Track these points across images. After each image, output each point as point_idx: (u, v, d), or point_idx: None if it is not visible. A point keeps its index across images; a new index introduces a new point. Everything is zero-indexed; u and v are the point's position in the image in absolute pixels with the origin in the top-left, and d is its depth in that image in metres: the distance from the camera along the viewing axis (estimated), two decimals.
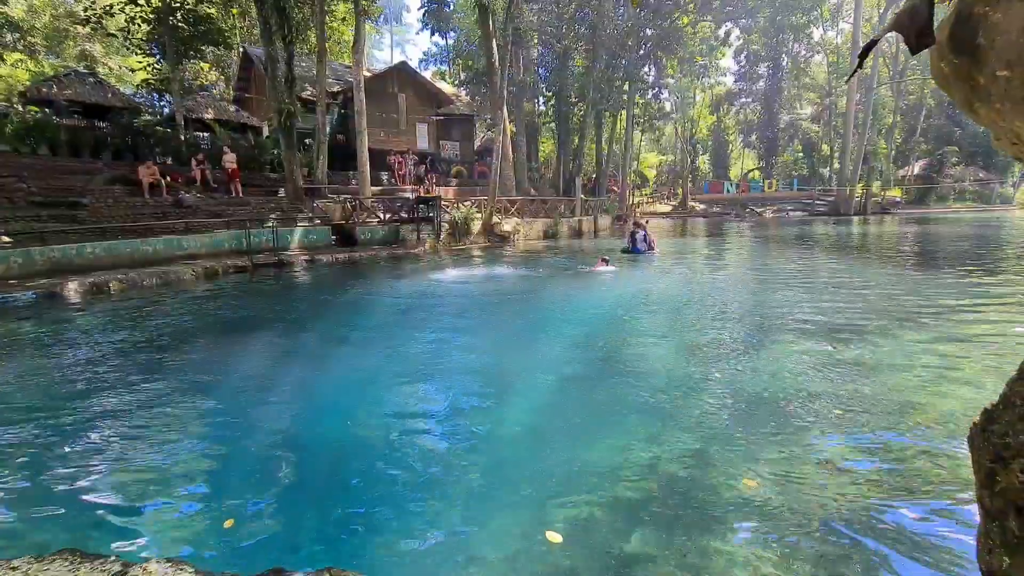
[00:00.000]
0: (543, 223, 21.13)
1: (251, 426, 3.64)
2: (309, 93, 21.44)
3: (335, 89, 22.39)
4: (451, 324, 6.74)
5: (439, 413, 3.79)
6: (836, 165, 41.82)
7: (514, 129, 23.68)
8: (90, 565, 1.50)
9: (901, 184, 43.09)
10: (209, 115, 20.59)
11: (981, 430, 0.96)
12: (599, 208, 25.31)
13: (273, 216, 15.70)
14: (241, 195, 16.80)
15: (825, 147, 47.12)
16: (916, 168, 43.99)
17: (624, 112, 31.98)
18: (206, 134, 20.37)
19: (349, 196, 18.24)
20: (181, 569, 1.43)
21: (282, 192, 18.14)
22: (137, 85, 24.82)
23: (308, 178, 18.97)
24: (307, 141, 20.79)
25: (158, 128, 18.48)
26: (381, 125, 23.25)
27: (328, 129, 19.64)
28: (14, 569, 1.49)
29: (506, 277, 11.30)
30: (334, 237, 16.06)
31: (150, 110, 22.34)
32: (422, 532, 2.41)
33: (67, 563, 1.47)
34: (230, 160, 17.00)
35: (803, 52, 47.71)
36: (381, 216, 17.39)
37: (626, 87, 30.40)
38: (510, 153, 23.19)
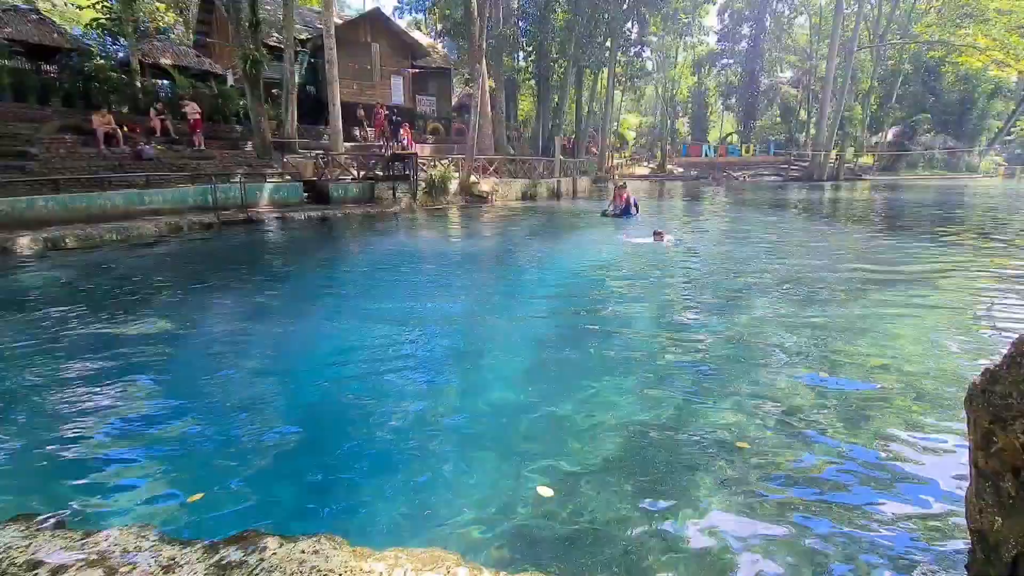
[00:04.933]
0: (522, 184, 20.79)
1: (219, 389, 3.53)
2: (276, 39, 20.15)
3: (303, 36, 21.10)
4: (431, 284, 6.64)
5: (417, 373, 3.74)
6: (812, 131, 42.01)
7: (493, 85, 22.88)
8: (50, 533, 1.41)
9: (874, 150, 43.71)
10: (167, 61, 19.19)
11: (982, 391, 0.95)
12: (578, 169, 24.98)
13: (240, 171, 14.99)
14: (204, 148, 15.94)
15: (803, 112, 47.21)
16: (889, 135, 44.58)
17: (605, 70, 31.15)
18: (165, 81, 19.06)
19: (321, 152, 17.52)
20: (144, 536, 1.35)
21: (249, 146, 17.29)
22: (86, 25, 22.86)
23: (277, 131, 18.08)
24: (274, 92, 19.69)
25: (112, 73, 17.14)
26: (354, 77, 22.14)
27: (297, 79, 18.61)
28: None
29: (486, 237, 11.15)
30: (306, 194, 15.50)
31: (103, 54, 20.69)
32: (405, 491, 2.39)
33: (22, 530, 1.38)
34: (192, 110, 16.02)
35: (786, 12, 47.02)
36: (355, 173, 16.81)
37: (608, 43, 29.51)
38: (489, 110, 22.50)
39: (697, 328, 4.59)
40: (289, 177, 16.02)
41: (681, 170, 43.04)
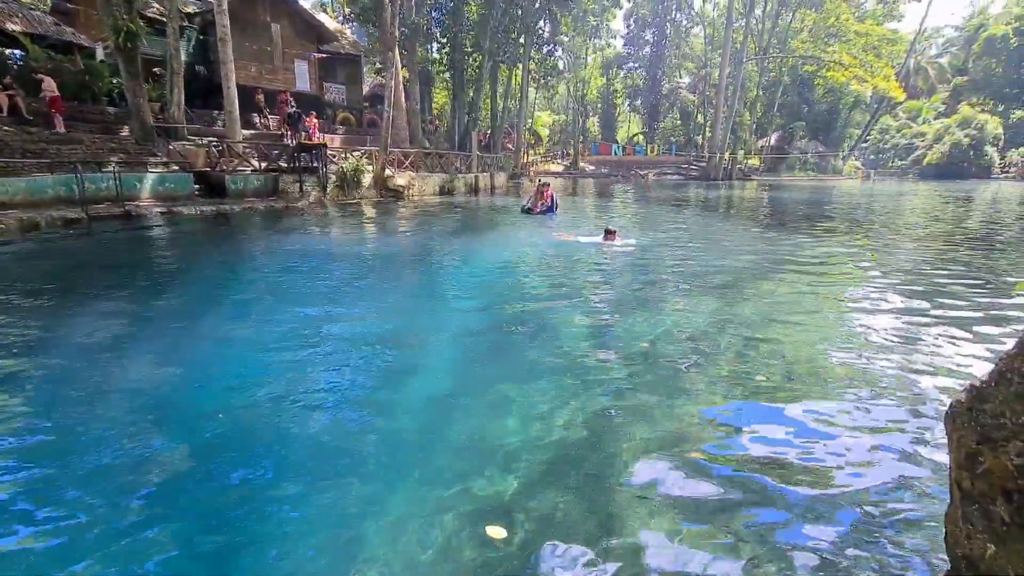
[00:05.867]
0: (439, 178, 20.33)
1: (91, 416, 2.93)
2: (156, 11, 17.93)
3: (190, 9, 18.97)
4: (347, 289, 6.10)
5: (331, 388, 3.32)
6: (708, 133, 45.39)
7: (407, 75, 22.09)
8: None
9: (760, 153, 48.18)
10: (16, 27, 16.33)
11: (967, 409, 0.92)
12: (496, 165, 24.94)
13: (115, 159, 13.17)
14: (67, 131, 13.80)
15: (699, 116, 50.85)
16: (772, 139, 49.37)
17: (520, 67, 31.33)
18: (16, 51, 16.25)
19: (215, 139, 15.86)
20: None
21: (126, 130, 15.25)
22: None
23: (160, 115, 16.11)
24: (156, 70, 17.53)
25: None
26: (252, 59, 20.30)
27: (184, 57, 16.68)
28: None
29: (406, 235, 10.68)
30: (197, 186, 13.95)
31: None
32: (318, 526, 2.09)
33: None
34: (49, 87, 13.80)
35: (684, 22, 50.29)
36: (256, 164, 15.42)
37: (522, 40, 29.67)
38: (403, 102, 21.71)
39: (621, 325, 4.63)
40: (177, 167, 14.34)
41: (592, 168, 44.63)
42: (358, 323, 4.72)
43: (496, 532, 2.01)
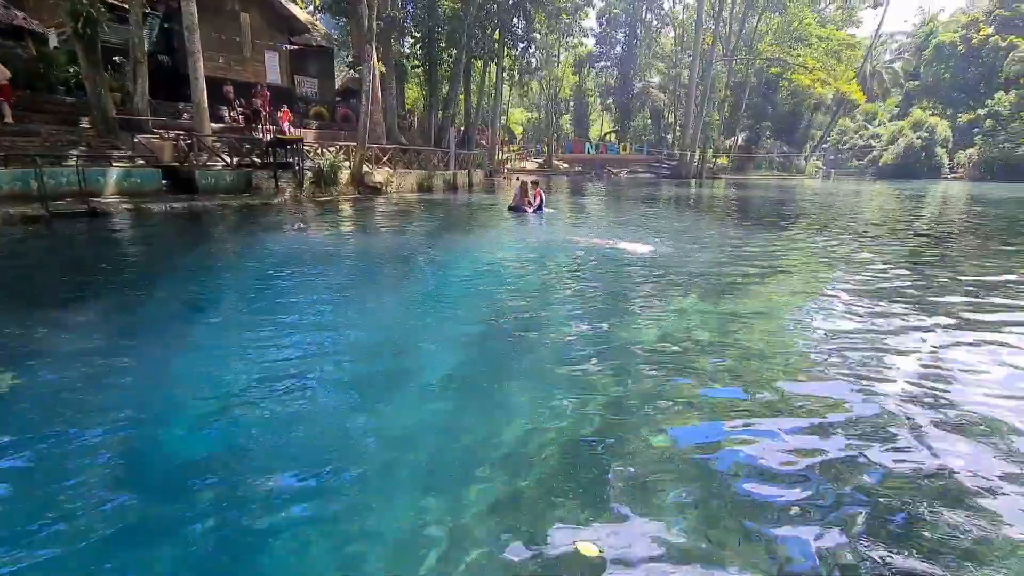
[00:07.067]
0: (417, 175, 20.07)
1: (44, 439, 2.69)
2: None
3: None
4: (329, 289, 5.81)
5: (316, 401, 3.08)
6: (679, 132, 46.34)
7: (383, 70, 21.68)
8: None
9: (728, 152, 49.48)
10: None
11: None
12: (473, 162, 24.80)
13: (76, 152, 12.48)
14: (18, 122, 12.98)
15: (670, 116, 51.84)
16: (740, 139, 50.77)
17: (495, 63, 31.24)
18: None
19: (182, 132, 15.21)
20: None
21: (86, 122, 14.45)
22: None
23: (122, 106, 15.33)
24: (117, 59, 16.67)
25: None
26: (220, 49, 19.52)
27: (147, 46, 15.90)
28: None
29: (389, 234, 10.47)
30: (165, 181, 13.36)
31: None
32: (312, 551, 1.97)
33: None
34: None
35: (655, 22, 51.08)
36: (228, 160, 14.86)
37: (496, 36, 29.58)
38: (380, 96, 21.30)
39: (620, 324, 4.66)
40: (143, 161, 13.68)
41: (566, 166, 44.92)
42: (348, 331, 4.38)
43: (587, 549, 1.95)
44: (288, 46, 21.99)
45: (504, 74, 34.68)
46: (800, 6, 42.40)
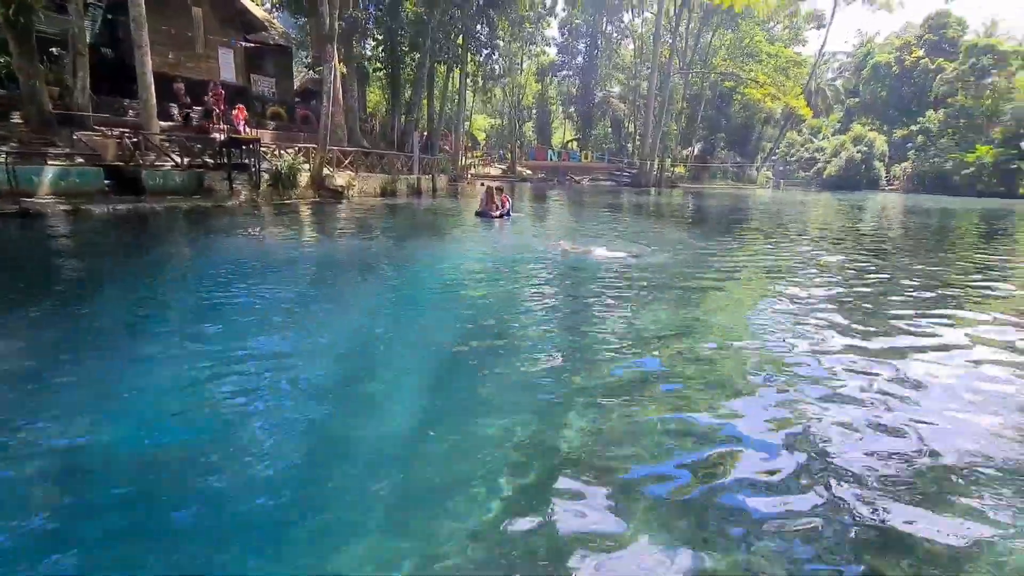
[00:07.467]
0: (380, 179, 19.70)
1: None
2: None
3: None
4: (284, 300, 5.38)
5: (270, 427, 2.82)
6: (638, 141, 47.52)
7: (345, 71, 21.21)
8: None
9: (685, 162, 51.12)
10: None
11: None
12: (437, 167, 24.60)
13: (5, 149, 11.57)
14: None
15: (630, 125, 53.13)
16: (696, 149, 52.58)
17: (459, 68, 31.17)
18: None
19: (128, 130, 14.36)
20: None
21: (17, 117, 13.44)
22: None
23: (60, 101, 14.35)
24: (54, 51, 15.62)
25: None
26: (170, 44, 18.60)
27: (89, 38, 14.96)
28: None
29: (348, 239, 10.17)
30: (108, 182, 12.56)
31: None
32: None
33: None
34: None
35: (615, 34, 52.32)
36: (178, 159, 14.14)
37: (460, 41, 29.54)
38: (341, 98, 20.82)
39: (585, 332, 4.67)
40: (83, 159, 12.83)
41: (529, 172, 45.23)
42: (304, 346, 4.04)
43: None
44: (243, 43, 21.21)
45: (468, 80, 34.64)
46: (751, 24, 44.46)
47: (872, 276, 7.43)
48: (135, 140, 13.67)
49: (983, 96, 46.72)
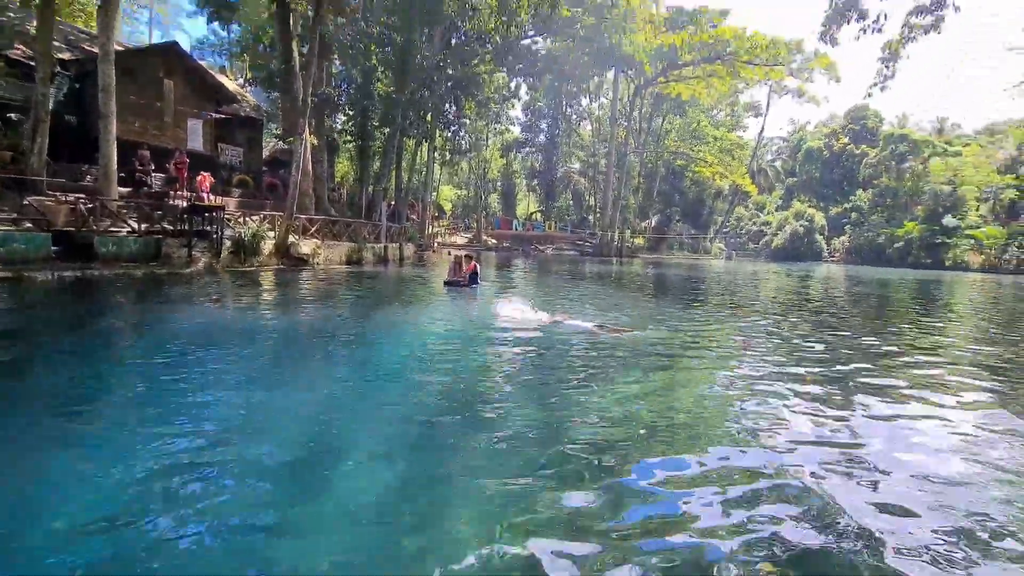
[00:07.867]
0: (347, 247, 19.63)
1: None
2: (21, 53, 16.05)
3: (66, 56, 17.24)
4: (238, 374, 5.07)
5: (222, 511, 2.61)
6: (599, 213, 49.80)
7: (315, 142, 21.68)
8: None
9: (643, 233, 53.59)
10: None
11: None
12: (405, 236, 24.83)
13: None
14: None
15: (590, 198, 55.86)
16: (653, 221, 55.41)
17: (427, 143, 32.44)
18: None
19: (83, 195, 13.96)
20: None
21: None
22: None
23: (12, 164, 13.95)
24: (12, 116, 15.40)
25: None
26: (138, 113, 18.64)
27: (52, 104, 14.84)
28: None
29: (310, 308, 9.87)
30: (56, 248, 12.00)
31: None
32: None
33: None
34: None
35: (575, 116, 56.20)
36: (135, 226, 13.74)
37: (428, 118, 30.99)
38: (310, 168, 21.11)
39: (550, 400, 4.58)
40: (30, 224, 12.28)
41: (495, 241, 46.25)
42: (259, 426, 3.79)
43: None
44: (213, 115, 21.52)
45: (435, 153, 36.00)
46: (697, 111, 48.82)
47: (821, 343, 7.72)
48: (90, 206, 13.26)
49: (904, 178, 52.00)
